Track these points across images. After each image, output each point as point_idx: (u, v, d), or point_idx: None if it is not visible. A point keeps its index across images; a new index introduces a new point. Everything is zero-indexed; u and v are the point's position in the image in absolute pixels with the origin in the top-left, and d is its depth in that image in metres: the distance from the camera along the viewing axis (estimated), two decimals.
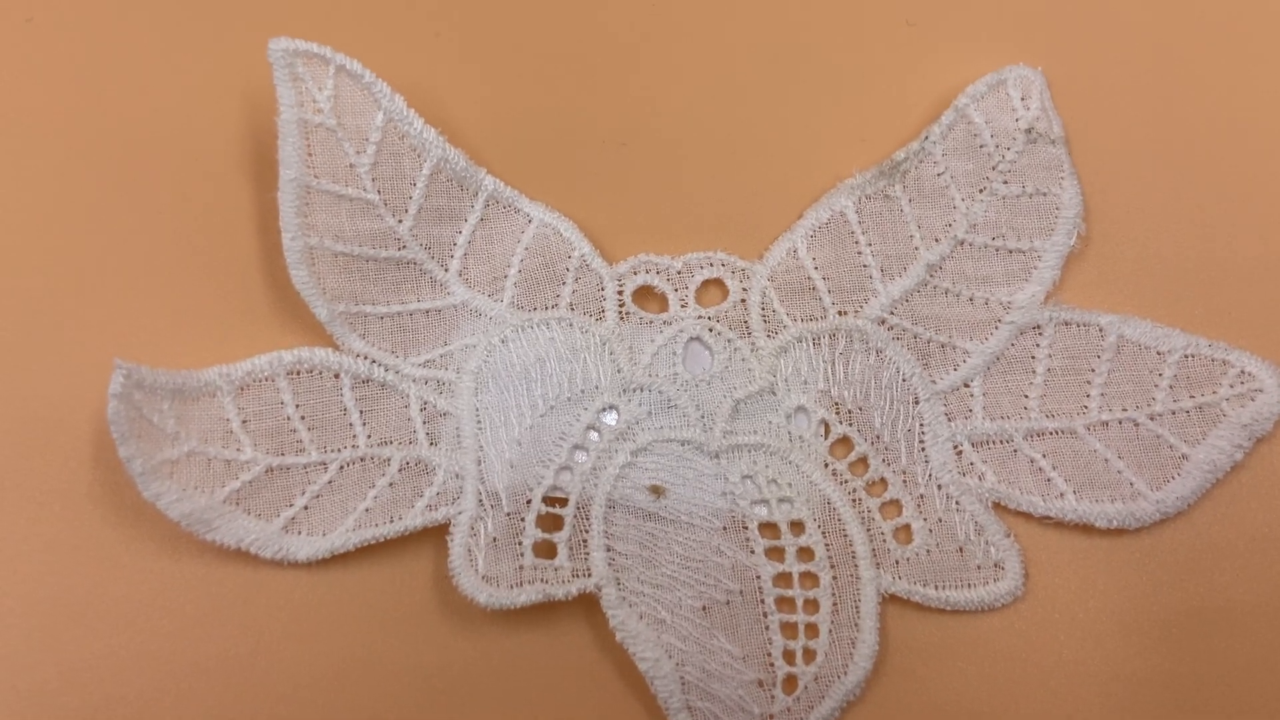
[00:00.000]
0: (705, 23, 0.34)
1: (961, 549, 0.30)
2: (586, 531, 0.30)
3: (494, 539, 0.30)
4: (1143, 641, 0.30)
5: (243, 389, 0.30)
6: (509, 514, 0.30)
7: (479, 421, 0.31)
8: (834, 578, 0.30)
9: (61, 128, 0.33)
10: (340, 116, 0.31)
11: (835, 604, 0.30)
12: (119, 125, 0.33)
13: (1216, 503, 0.31)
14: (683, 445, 0.31)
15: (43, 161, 0.33)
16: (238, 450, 0.30)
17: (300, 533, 0.30)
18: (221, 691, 0.30)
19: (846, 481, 0.31)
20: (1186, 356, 0.31)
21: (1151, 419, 0.31)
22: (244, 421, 0.30)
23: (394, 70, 0.32)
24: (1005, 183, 0.32)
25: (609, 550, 0.30)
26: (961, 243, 0.32)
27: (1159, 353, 0.31)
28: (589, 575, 0.30)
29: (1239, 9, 0.34)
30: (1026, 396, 0.31)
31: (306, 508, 0.30)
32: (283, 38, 0.31)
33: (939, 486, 0.31)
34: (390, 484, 0.30)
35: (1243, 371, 0.31)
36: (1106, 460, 0.31)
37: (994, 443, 0.31)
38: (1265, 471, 0.31)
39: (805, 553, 0.30)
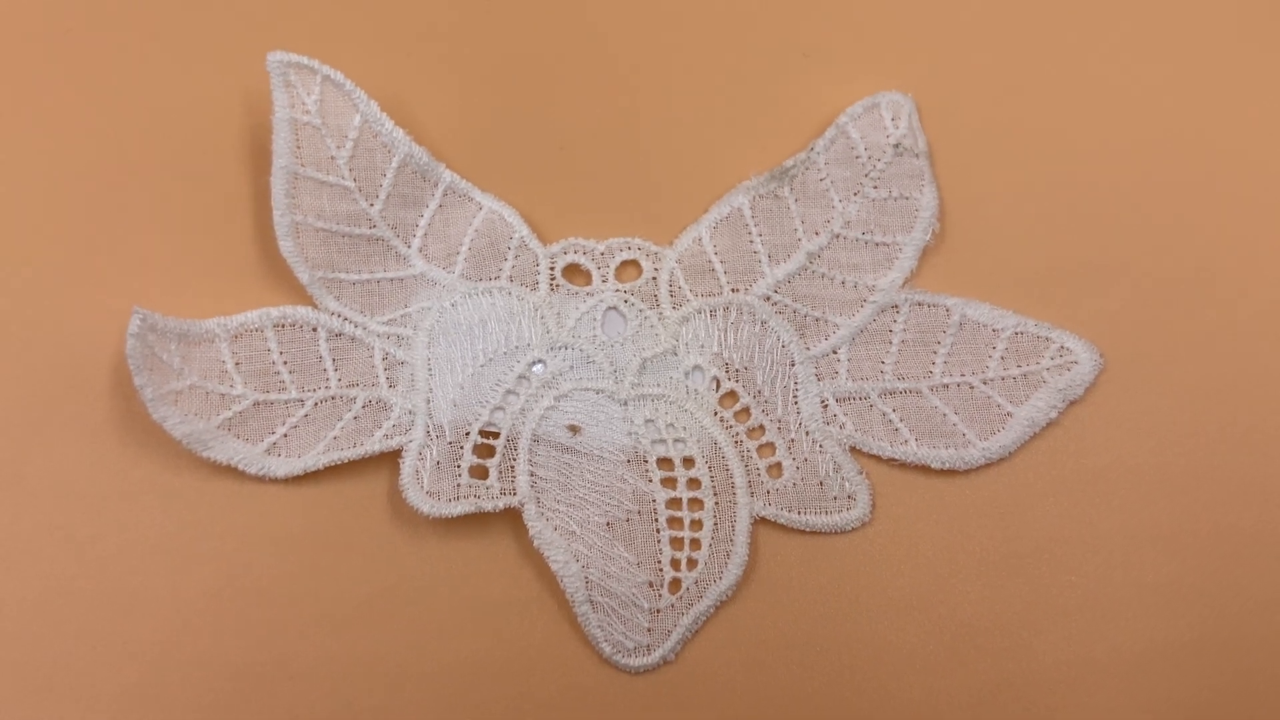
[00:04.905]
0: (634, 51, 0.37)
1: (822, 483, 0.34)
2: (514, 459, 0.33)
3: (437, 463, 0.33)
4: (966, 562, 0.34)
5: (236, 337, 0.33)
6: (450, 443, 0.33)
7: (430, 369, 0.34)
8: (716, 503, 0.33)
9: (98, 124, 0.35)
10: (324, 117, 0.34)
11: (716, 524, 0.33)
12: (144, 121, 0.36)
13: (1034, 453, 0.34)
14: (597, 393, 0.34)
15: (89, 151, 0.35)
16: (230, 386, 0.33)
17: (280, 455, 0.33)
18: (211, 580, 0.33)
19: (731, 426, 0.34)
20: (1016, 333, 0.34)
21: (984, 383, 0.34)
22: (236, 364, 0.33)
23: (372, 80, 0.35)
24: (875, 188, 0.35)
25: (531, 475, 0.33)
26: (837, 236, 0.35)
27: (994, 330, 0.34)
28: (514, 494, 0.33)
29: (1085, 52, 0.37)
30: (883, 362, 0.34)
31: (285, 435, 0.33)
32: (279, 51, 0.34)
33: (807, 433, 0.34)
34: (355, 418, 0.33)
35: (1062, 347, 0.34)
36: (944, 415, 0.34)
37: (854, 399, 0.34)
38: (1075, 428, 0.34)
39: (693, 483, 0.33)
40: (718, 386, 0.34)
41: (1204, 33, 0.37)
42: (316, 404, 0.34)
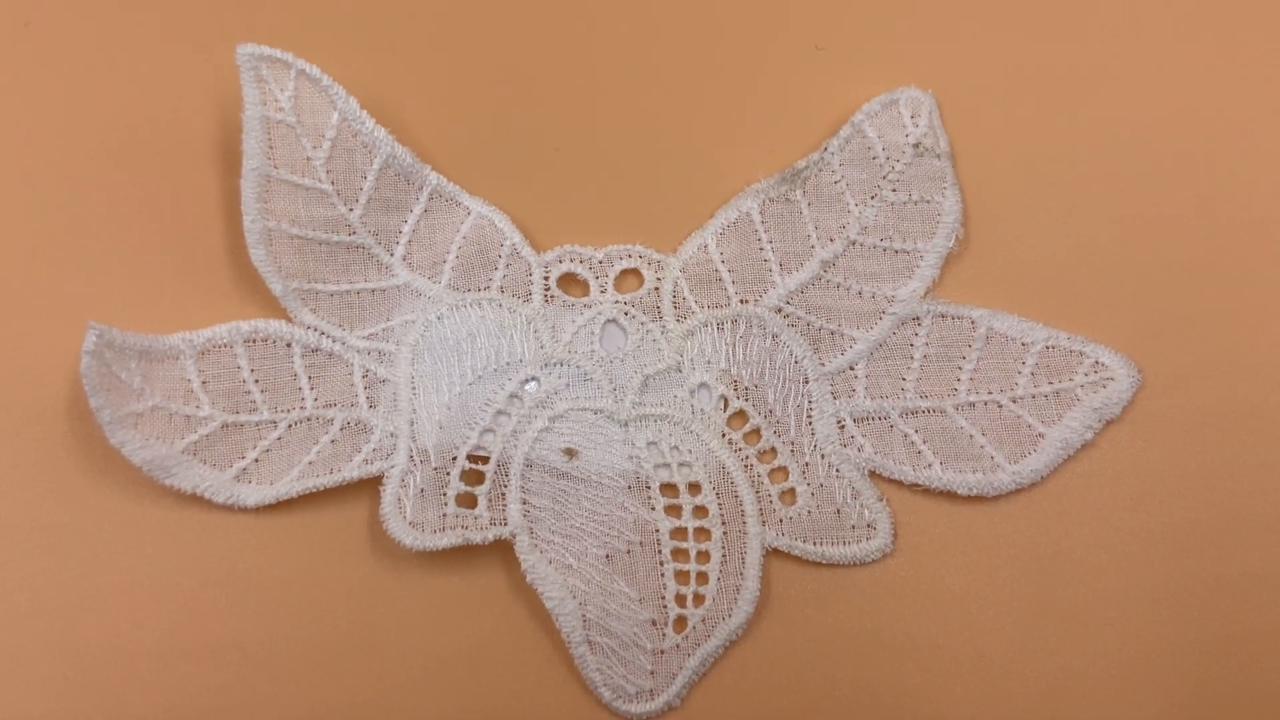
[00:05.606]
0: (635, 40, 0.37)
1: (839, 510, 0.33)
2: (505, 486, 0.33)
3: (421, 490, 0.32)
4: (995, 596, 0.33)
5: (203, 353, 0.33)
6: (436, 469, 0.33)
7: (414, 388, 0.33)
8: (724, 533, 0.33)
9: (54, 120, 0.35)
10: (299, 115, 0.33)
11: (724, 556, 0.33)
12: (104, 118, 0.35)
13: (1067, 477, 0.34)
14: (596, 414, 0.33)
15: (42, 149, 0.35)
16: (196, 407, 0.33)
17: (250, 481, 0.33)
18: (174, 619, 0.32)
19: (740, 449, 0.34)
20: (1047, 348, 0.34)
21: (1014, 401, 0.34)
22: (203, 382, 0.33)
23: (351, 77, 0.34)
24: (894, 191, 0.34)
25: (524, 503, 0.33)
26: (853, 243, 0.34)
27: (1023, 344, 0.34)
28: (505, 524, 0.33)
29: (1118, 42, 0.36)
30: (904, 379, 0.34)
31: (257, 460, 0.33)
32: (250, 44, 0.33)
33: (822, 456, 0.33)
34: (332, 441, 0.33)
35: (1097, 362, 0.34)
36: (971, 436, 0.33)
37: (873, 419, 0.34)
38: (1112, 450, 0.34)
39: (700, 510, 0.33)
40: (726, 406, 0.34)
41: (1248, 22, 0.37)
42: (290, 426, 0.33)
